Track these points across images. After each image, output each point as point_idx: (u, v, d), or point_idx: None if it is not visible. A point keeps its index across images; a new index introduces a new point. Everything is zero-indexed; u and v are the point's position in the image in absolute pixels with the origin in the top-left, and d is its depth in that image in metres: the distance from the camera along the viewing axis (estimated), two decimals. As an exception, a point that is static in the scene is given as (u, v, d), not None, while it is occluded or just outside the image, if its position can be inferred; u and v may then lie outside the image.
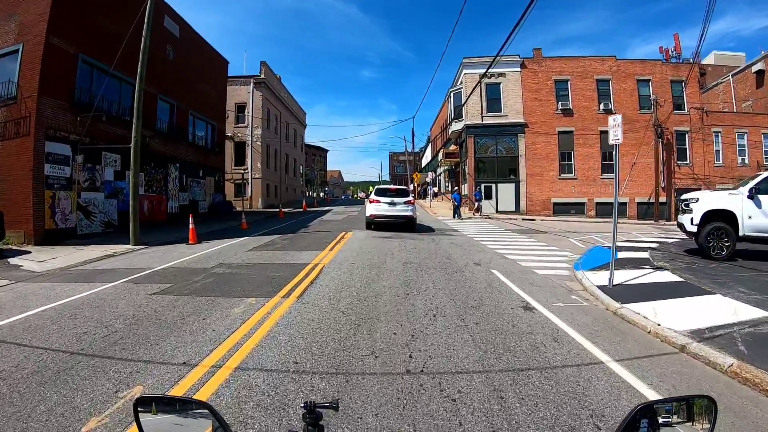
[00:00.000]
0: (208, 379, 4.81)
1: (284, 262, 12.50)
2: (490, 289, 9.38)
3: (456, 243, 17.55)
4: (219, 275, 10.85)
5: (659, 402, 1.40)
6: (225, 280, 10.17)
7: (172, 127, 29.22)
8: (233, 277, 10.60)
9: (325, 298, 8.42)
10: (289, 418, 4.00)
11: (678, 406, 1.41)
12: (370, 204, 21.74)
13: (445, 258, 13.45)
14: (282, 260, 12.90)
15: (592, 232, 24.46)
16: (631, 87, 37.44)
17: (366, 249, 15.14)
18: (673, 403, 1.42)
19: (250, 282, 9.92)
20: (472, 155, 37.86)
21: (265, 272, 11.07)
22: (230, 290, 9.16)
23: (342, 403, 4.20)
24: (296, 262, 12.57)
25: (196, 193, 33.01)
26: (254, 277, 10.53)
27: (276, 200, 51.56)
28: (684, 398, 1.46)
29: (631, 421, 1.29)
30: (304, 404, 1.52)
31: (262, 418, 3.98)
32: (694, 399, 1.43)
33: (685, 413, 1.40)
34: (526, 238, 20.52)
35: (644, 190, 36.33)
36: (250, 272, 11.10)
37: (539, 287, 9.88)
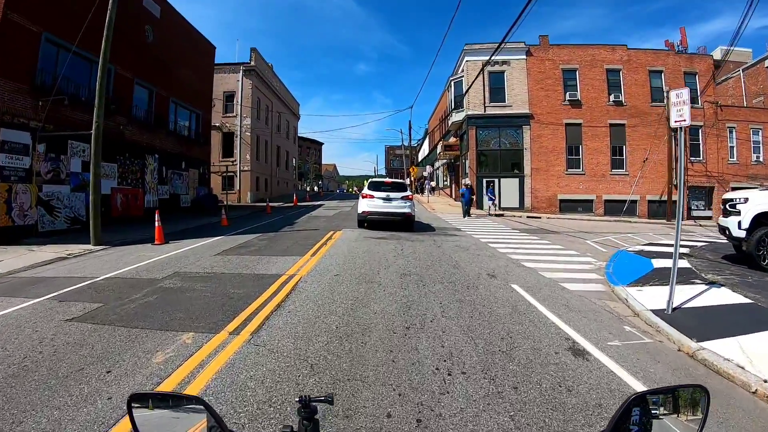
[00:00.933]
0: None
1: (252, 273, 10.17)
2: (518, 317, 7.09)
3: (462, 246, 15.27)
4: (165, 291, 8.54)
5: (652, 392, 1.37)
6: (169, 300, 7.84)
7: (151, 115, 27.04)
8: (182, 295, 8.26)
9: (289, 335, 6.04)
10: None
11: (671, 396, 1.39)
12: (363, 199, 19.49)
13: (452, 267, 11.17)
14: (251, 269, 10.57)
15: (607, 232, 22.39)
16: (642, 78, 35.23)
17: (356, 254, 12.84)
18: (666, 393, 1.41)
19: (199, 304, 7.60)
20: (474, 148, 35.56)
21: (223, 288, 8.74)
22: (168, 317, 6.84)
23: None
24: (267, 272, 10.22)
25: (178, 186, 30.70)
26: (208, 295, 8.19)
27: (267, 194, 49.27)
28: (677, 387, 1.43)
29: (625, 411, 1.26)
30: (299, 398, 1.51)
31: None
32: (687, 388, 1.41)
33: (679, 403, 1.38)
34: (537, 239, 18.33)
35: (655, 188, 34.13)
36: (206, 288, 8.76)
37: (578, 312, 7.64)
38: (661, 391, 1.41)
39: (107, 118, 22.41)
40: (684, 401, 1.39)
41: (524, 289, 9.08)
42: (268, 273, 10.10)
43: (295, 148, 69.45)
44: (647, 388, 1.63)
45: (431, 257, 12.49)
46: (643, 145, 34.32)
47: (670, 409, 1.37)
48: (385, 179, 22.64)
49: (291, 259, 11.77)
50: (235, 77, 44.18)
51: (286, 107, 59.17)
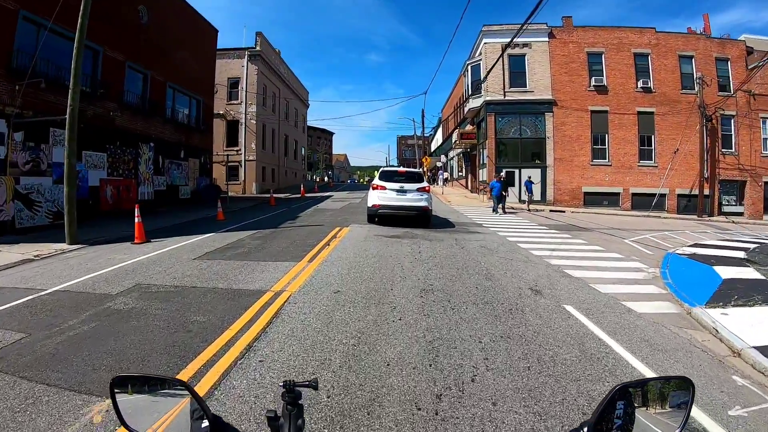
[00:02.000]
0: None
1: (230, 288, 8.05)
2: (591, 367, 4.95)
3: (488, 246, 13.15)
4: (110, 316, 6.47)
5: (637, 383, 1.35)
6: (106, 332, 5.77)
7: (145, 101, 25.27)
8: (126, 323, 6.15)
9: (251, 414, 3.79)
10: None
11: (655, 387, 1.38)
12: (374, 191, 17.33)
13: (483, 277, 9.04)
14: (230, 282, 8.47)
15: (641, 229, 20.37)
16: (672, 63, 32.74)
17: (363, 258, 10.71)
18: (651, 384, 1.38)
19: (142, 341, 5.49)
20: (493, 136, 33.20)
21: (185, 313, 6.62)
22: (90, 367, 4.77)
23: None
24: (248, 287, 8.10)
25: (176, 177, 28.87)
26: (160, 325, 6.08)
27: (274, 185, 47.29)
28: (661, 378, 1.46)
29: (609, 401, 1.26)
30: (283, 383, 1.48)
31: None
32: (671, 380, 1.42)
33: (664, 394, 1.36)
34: (570, 238, 16.25)
35: (685, 181, 31.84)
36: (163, 311, 6.66)
37: (664, 352, 5.63)
38: (646, 382, 1.37)
39: (95, 103, 20.69)
40: (669, 393, 1.36)
41: (583, 312, 6.99)
42: (250, 288, 7.98)
43: (304, 137, 67.23)
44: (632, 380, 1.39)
45: (455, 263, 10.38)
46: (672, 135, 31.98)
47: (656, 399, 1.34)
48: (399, 168, 20.68)
49: (283, 267, 9.69)
50: (240, 63, 42.10)
51: (294, 95, 56.96)
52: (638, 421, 1.29)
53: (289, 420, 1.45)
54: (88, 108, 20.18)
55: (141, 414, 1.35)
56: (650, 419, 1.31)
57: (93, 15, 14.97)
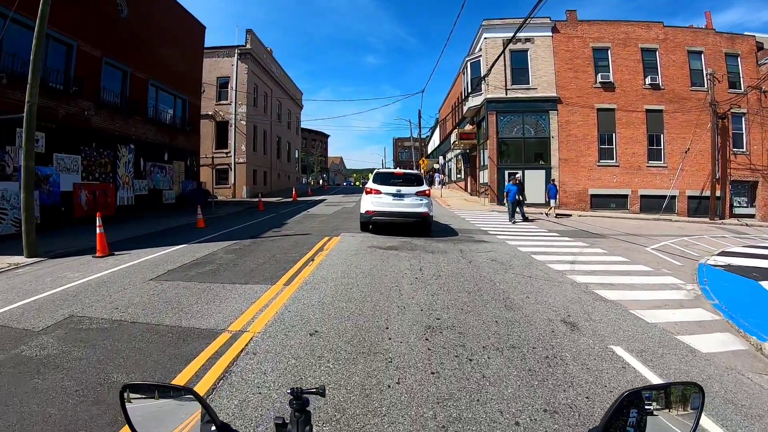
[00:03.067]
0: None
1: (177, 324, 6.19)
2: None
3: (499, 259, 11.47)
4: (13, 369, 4.70)
5: (647, 388, 1.34)
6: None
7: (125, 99, 23.65)
8: (24, 385, 4.37)
9: None
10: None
11: (666, 393, 1.36)
12: (367, 196, 15.60)
13: (503, 305, 7.30)
14: (181, 314, 6.64)
15: (656, 235, 18.90)
16: (681, 59, 31.09)
17: (353, 279, 8.93)
18: (661, 390, 1.37)
19: (25, 424, 3.70)
20: (494, 135, 31.38)
21: (107, 366, 4.82)
22: None
23: None
24: (201, 324, 6.22)
25: (159, 181, 27.26)
26: (67, 387, 4.28)
27: (266, 188, 45.68)
28: (671, 384, 1.39)
29: (618, 408, 1.24)
30: (291, 390, 1.48)
31: None
32: (681, 386, 1.38)
33: (673, 400, 1.35)
34: (587, 246, 14.66)
35: (696, 182, 30.18)
36: (81, 364, 4.86)
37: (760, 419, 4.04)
38: (655, 387, 1.37)
39: (68, 102, 19.12)
40: (678, 399, 1.35)
41: (638, 357, 5.32)
42: (201, 327, 6.12)
43: (298, 139, 65.30)
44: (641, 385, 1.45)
45: (465, 284, 8.67)
46: (682, 133, 30.34)
47: (665, 406, 1.32)
48: (395, 170, 18.74)
49: (253, 292, 7.91)
50: (230, 61, 40.39)
51: (287, 95, 55.12)
52: (648, 427, 1.26)
53: (297, 427, 1.44)
54: (60, 107, 18.77)
55: (150, 421, 1.35)
56: (660, 424, 1.28)
57: (66, 7, 13.66)
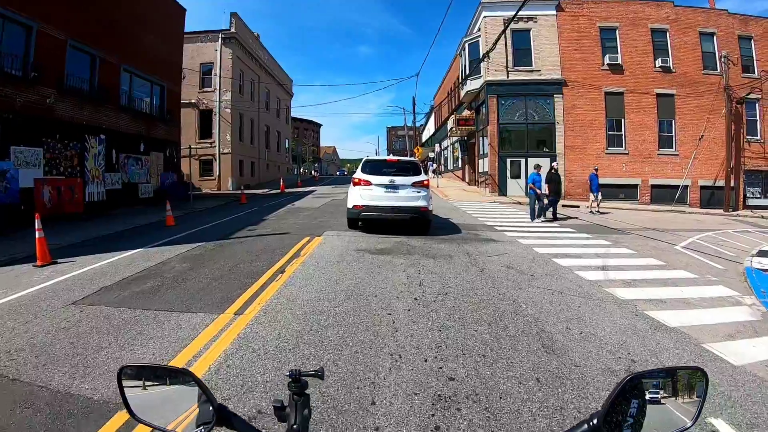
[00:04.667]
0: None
1: (64, 390, 3.95)
2: None
3: (518, 267, 9.43)
4: None
5: (649, 373, 1.29)
6: None
7: (93, 86, 21.47)
8: None
9: None
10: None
11: (669, 378, 1.31)
12: (355, 187, 13.48)
13: (539, 344, 5.22)
14: (77, 372, 4.37)
15: (680, 230, 17.10)
16: (693, 41, 29.16)
17: (330, 302, 6.69)
18: (664, 375, 1.33)
19: None
20: (495, 121, 29.29)
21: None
22: None
23: None
24: (94, 393, 3.92)
25: (134, 174, 25.08)
26: None
27: (254, 179, 43.61)
28: (675, 369, 1.35)
29: (620, 392, 1.21)
30: (290, 372, 1.46)
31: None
32: (685, 371, 1.34)
33: (676, 385, 1.30)
34: (610, 245, 12.75)
35: (709, 171, 28.35)
36: None
37: None
38: (658, 372, 1.32)
39: (27, 89, 17.05)
40: (682, 383, 1.31)
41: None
42: (94, 397, 3.87)
43: (287, 128, 62.83)
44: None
45: (482, 307, 6.61)
46: (694, 120, 28.48)
47: (668, 391, 1.28)
48: (388, 157, 16.62)
49: (189, 327, 5.72)
50: (214, 46, 38.18)
51: (275, 82, 52.68)
52: (650, 412, 1.23)
53: (296, 409, 1.42)
54: (17, 95, 16.69)
55: (148, 403, 1.35)
56: (662, 410, 1.26)
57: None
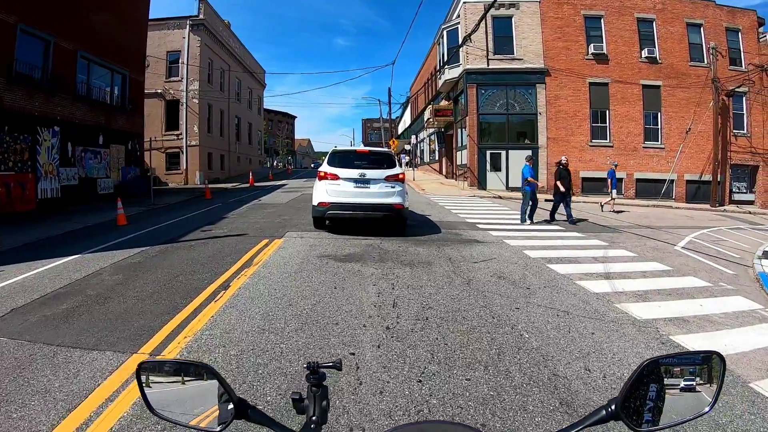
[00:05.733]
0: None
1: None
2: None
3: (510, 276, 8.14)
4: None
5: (667, 357, 1.27)
6: None
7: (46, 74, 19.86)
8: None
9: None
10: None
11: (685, 362, 1.29)
12: (321, 182, 11.96)
13: (556, 399, 3.93)
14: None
15: (672, 227, 16.35)
16: (680, 31, 28.39)
17: (277, 336, 5.17)
18: (680, 359, 1.30)
19: None
20: (475, 111, 28.03)
21: None
22: None
23: None
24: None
25: (92, 168, 23.36)
26: None
27: (224, 173, 41.87)
28: (691, 353, 1.39)
29: (638, 378, 1.19)
30: (308, 365, 1.43)
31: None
32: (701, 354, 1.30)
33: (694, 369, 1.26)
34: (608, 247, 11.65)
35: (695, 165, 27.71)
36: None
37: None
38: (675, 356, 1.29)
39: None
40: (699, 367, 1.27)
41: None
42: None
43: (260, 119, 60.69)
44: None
45: (473, 338, 5.25)
46: (681, 112, 27.78)
47: (686, 376, 1.25)
48: (358, 148, 14.84)
49: (88, 374, 4.28)
50: (181, 34, 36.21)
51: (247, 73, 50.72)
52: (668, 397, 1.22)
53: (314, 401, 1.39)
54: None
55: (167, 399, 1.31)
56: (680, 395, 1.24)
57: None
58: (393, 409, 3.72)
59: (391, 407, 3.75)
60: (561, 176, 16.00)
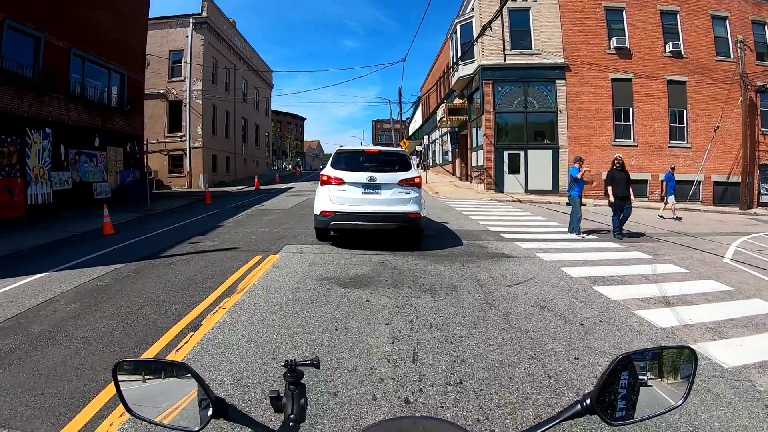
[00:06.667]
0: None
1: None
2: None
3: (550, 304, 6.66)
4: None
5: (640, 353, 1.27)
6: None
7: (37, 72, 18.71)
8: None
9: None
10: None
11: (658, 357, 1.31)
12: (324, 187, 10.44)
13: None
14: None
15: (709, 234, 14.96)
16: (705, 24, 26.77)
17: (250, 410, 3.18)
18: (653, 353, 1.31)
19: None
20: (491, 109, 26.51)
21: None
22: None
23: None
24: None
25: (88, 172, 22.21)
26: None
27: (229, 175, 40.71)
28: (665, 348, 1.36)
29: (612, 372, 1.19)
30: (285, 363, 1.39)
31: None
32: (674, 350, 1.34)
33: (666, 363, 1.30)
34: (652, 260, 10.17)
35: (722, 166, 26.11)
36: None
37: None
38: (648, 352, 1.30)
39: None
40: (672, 362, 1.31)
41: None
42: None
43: (267, 121, 59.24)
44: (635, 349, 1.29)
45: (526, 415, 3.80)
46: (707, 109, 26.22)
47: (659, 370, 1.28)
48: (367, 147, 12.51)
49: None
50: (184, 32, 35.05)
51: (254, 72, 49.43)
52: (642, 391, 1.23)
53: (292, 399, 1.36)
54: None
55: (145, 398, 1.30)
56: (654, 389, 1.25)
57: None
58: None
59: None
60: (614, 180, 13.17)
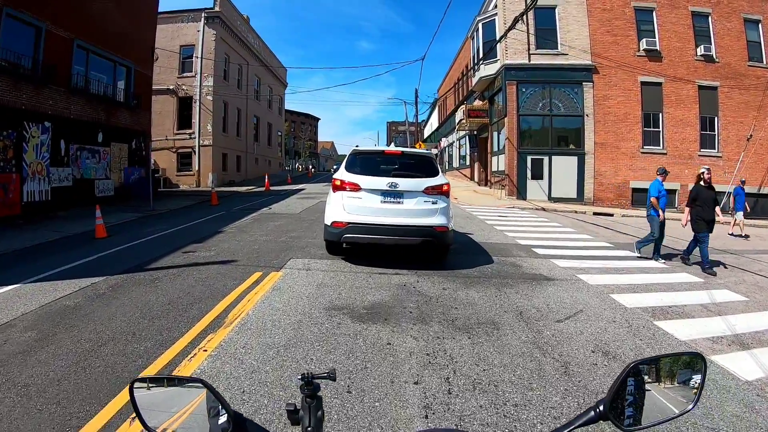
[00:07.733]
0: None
1: None
2: None
3: (613, 348, 5.34)
4: None
5: (652, 360, 1.31)
6: None
7: (37, 64, 17.87)
8: None
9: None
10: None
11: (668, 364, 1.33)
12: (337, 193, 9.02)
13: None
14: None
15: (750, 251, 13.74)
16: (737, 27, 25.45)
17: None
18: (663, 361, 1.33)
19: None
20: (514, 111, 25.28)
21: None
22: None
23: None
24: None
25: (89, 168, 21.33)
26: None
27: (240, 175, 39.77)
28: (673, 355, 1.36)
29: (624, 379, 1.22)
30: (302, 376, 1.43)
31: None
32: (685, 356, 1.35)
33: (675, 370, 1.32)
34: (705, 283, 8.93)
35: (753, 177, 24.44)
36: None
37: None
38: (660, 358, 1.33)
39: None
40: (682, 369, 1.33)
41: None
42: None
43: (280, 120, 58.37)
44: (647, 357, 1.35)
45: None
46: (739, 117, 24.87)
47: (670, 377, 1.31)
48: (387, 148, 10.46)
49: None
50: (195, 27, 34.25)
51: (267, 70, 48.37)
52: (653, 397, 1.26)
53: (309, 412, 1.40)
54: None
55: (162, 414, 1.29)
56: (665, 395, 1.28)
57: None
58: None
59: None
60: (700, 198, 10.63)
